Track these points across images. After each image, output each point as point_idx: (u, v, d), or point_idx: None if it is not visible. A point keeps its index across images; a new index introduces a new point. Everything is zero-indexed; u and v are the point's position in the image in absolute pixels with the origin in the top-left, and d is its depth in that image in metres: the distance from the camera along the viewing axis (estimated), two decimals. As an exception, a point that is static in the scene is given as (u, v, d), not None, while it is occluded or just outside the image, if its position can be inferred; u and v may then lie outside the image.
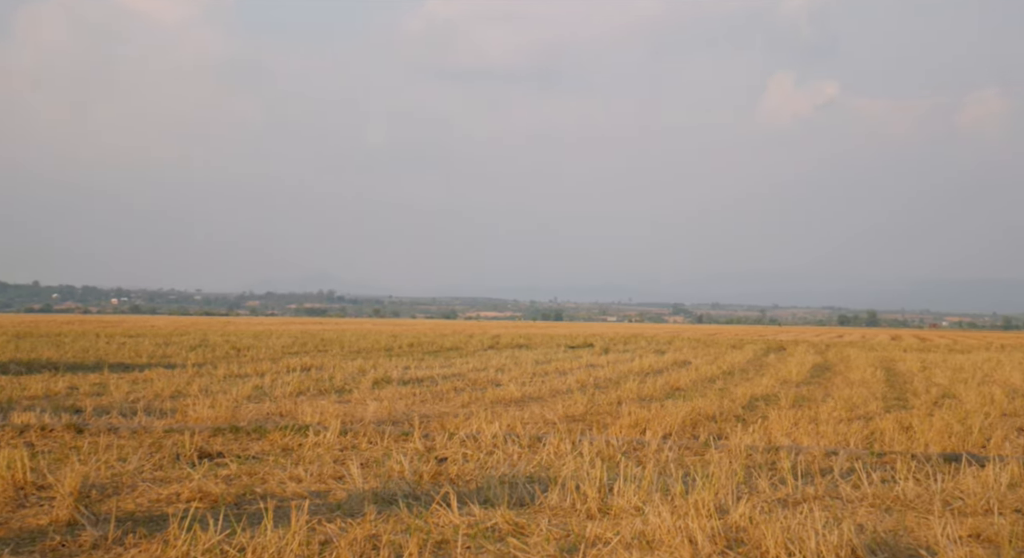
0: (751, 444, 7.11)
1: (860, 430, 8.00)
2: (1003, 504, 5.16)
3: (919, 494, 5.41)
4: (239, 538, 4.15)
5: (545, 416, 9.10)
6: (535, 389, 11.91)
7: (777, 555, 3.94)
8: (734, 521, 4.51)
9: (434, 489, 5.35)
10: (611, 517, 4.78)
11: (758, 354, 24.22)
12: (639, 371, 16.09)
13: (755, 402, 10.92)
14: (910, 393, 12.39)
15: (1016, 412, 10.20)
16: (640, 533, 4.32)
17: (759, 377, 14.87)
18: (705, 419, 9.06)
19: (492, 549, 4.16)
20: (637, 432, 7.96)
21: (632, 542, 4.22)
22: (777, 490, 5.51)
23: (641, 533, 4.32)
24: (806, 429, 7.99)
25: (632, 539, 4.26)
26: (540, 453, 6.71)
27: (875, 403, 10.63)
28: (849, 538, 4.08)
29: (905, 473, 5.94)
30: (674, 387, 12.74)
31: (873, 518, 4.81)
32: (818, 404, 10.39)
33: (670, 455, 6.77)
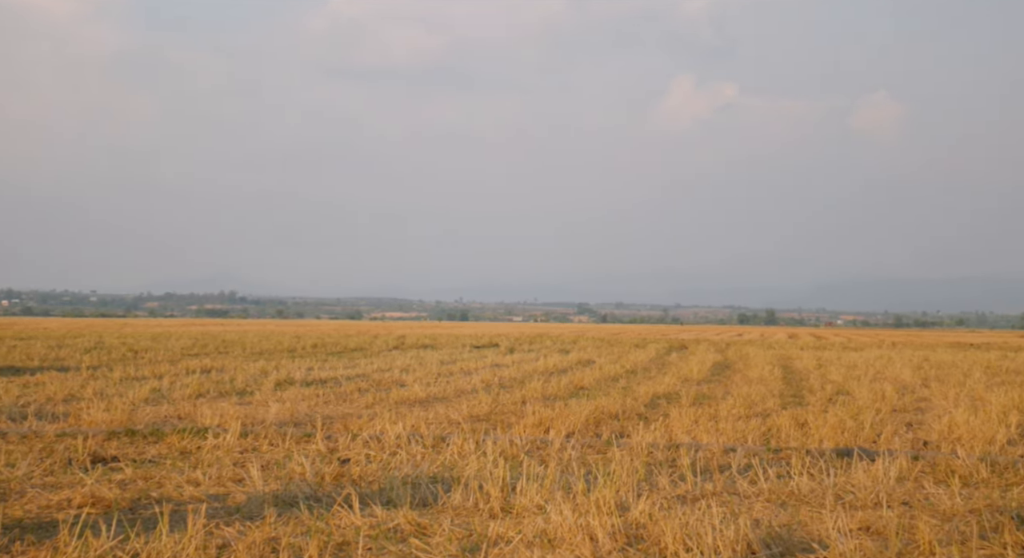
0: (653, 442, 7.20)
1: (758, 427, 8.16)
2: (891, 497, 5.32)
3: (813, 489, 5.55)
4: (133, 544, 4.05)
5: (450, 416, 9.09)
6: (440, 389, 11.89)
7: (675, 551, 3.99)
8: (634, 518, 4.56)
9: (336, 491, 5.29)
10: (514, 516, 4.80)
11: (661, 353, 24.55)
12: (544, 370, 16.18)
13: (657, 400, 11.06)
14: (806, 390, 12.70)
15: (905, 408, 10.53)
16: (542, 531, 4.34)
17: (661, 376, 15.07)
18: (608, 418, 9.14)
19: (394, 550, 4.14)
20: (541, 431, 8.00)
21: (534, 541, 4.24)
22: (677, 487, 5.59)
23: (543, 531, 4.34)
24: (706, 426, 8.12)
25: (534, 538, 4.28)
26: (444, 453, 6.71)
27: (773, 400, 10.86)
28: (745, 533, 4.16)
29: (800, 468, 6.08)
30: (578, 386, 12.84)
31: (769, 513, 4.91)
32: (718, 402, 10.57)
33: (573, 454, 6.82)
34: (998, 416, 8.91)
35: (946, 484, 5.73)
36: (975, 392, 12.24)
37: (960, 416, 8.57)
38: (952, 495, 5.35)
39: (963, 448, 7.07)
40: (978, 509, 5.00)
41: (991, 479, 5.96)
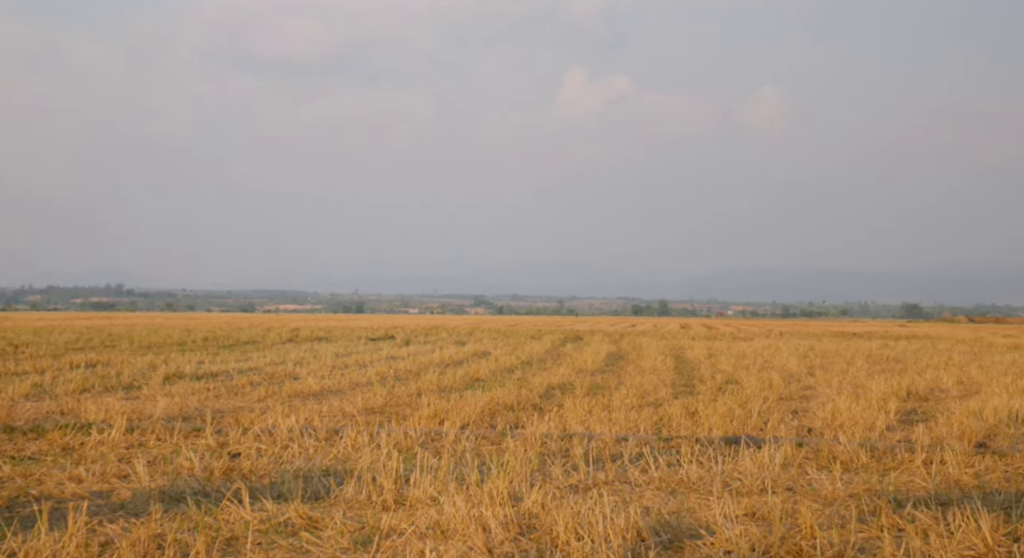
0: (547, 432, 7.25)
1: (650, 416, 8.28)
2: (776, 483, 5.46)
3: (702, 476, 5.66)
4: (9, 543, 3.92)
5: (344, 409, 9.01)
6: (334, 382, 11.77)
7: (567, 540, 4.03)
8: (527, 508, 4.59)
9: (226, 485, 5.20)
10: (407, 508, 4.78)
11: (556, 344, 24.73)
12: (440, 362, 16.15)
13: (552, 391, 11.14)
14: (697, 380, 12.94)
15: (792, 396, 10.81)
16: (435, 523, 4.34)
17: (556, 367, 15.19)
18: (503, 409, 9.18)
19: (284, 544, 4.09)
20: (436, 423, 7.99)
21: (427, 532, 4.23)
22: (570, 476, 5.64)
23: (436, 523, 4.34)
24: (599, 416, 8.21)
25: (427, 529, 4.27)
26: (337, 446, 6.64)
27: (665, 390, 11.04)
28: (635, 521, 4.23)
29: (689, 457, 6.20)
30: (474, 378, 12.86)
31: (659, 501, 5.00)
32: (611, 392, 10.69)
33: (467, 445, 6.83)
34: (878, 403, 9.22)
35: (828, 470, 5.91)
36: (857, 380, 12.64)
37: (843, 403, 8.85)
38: (833, 480, 5.51)
39: (845, 434, 7.30)
40: (857, 493, 5.17)
41: (870, 464, 6.16)
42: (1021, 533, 4.23)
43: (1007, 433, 7.68)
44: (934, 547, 3.91)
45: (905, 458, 6.33)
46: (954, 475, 5.74)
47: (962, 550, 3.95)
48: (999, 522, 4.29)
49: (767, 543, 3.99)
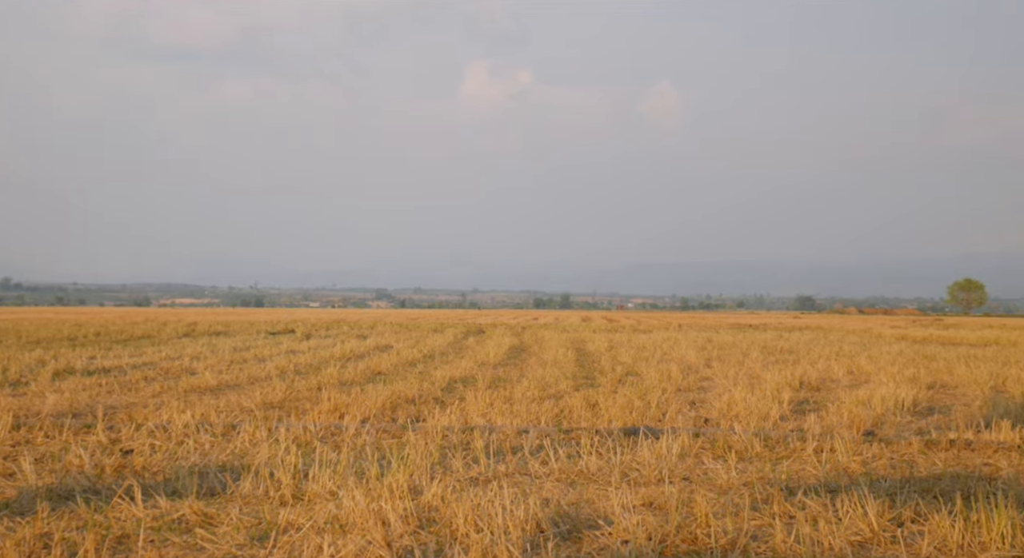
0: (448, 425, 7.25)
1: (551, 408, 8.34)
2: (673, 473, 5.56)
3: (601, 467, 5.72)
4: None
5: (242, 404, 8.87)
6: (232, 377, 11.58)
7: (466, 532, 4.03)
8: (427, 501, 4.58)
9: (117, 483, 5.08)
10: (305, 503, 4.73)
11: (458, 337, 24.72)
12: (341, 356, 16.01)
13: (454, 384, 11.14)
14: (597, 372, 13.06)
15: (690, 387, 10.99)
16: (334, 517, 4.30)
17: (459, 360, 15.18)
18: (405, 402, 9.14)
19: (178, 541, 4.01)
20: (336, 417, 7.92)
21: (325, 527, 4.19)
22: (470, 469, 5.65)
23: (335, 517, 4.30)
24: (501, 409, 8.23)
25: (325, 524, 4.23)
26: (235, 441, 6.54)
27: (566, 382, 11.12)
28: (535, 512, 4.25)
29: (589, 448, 6.26)
30: (375, 371, 12.78)
31: (558, 492, 5.03)
32: (513, 384, 10.74)
33: (368, 439, 6.79)
34: (772, 393, 9.44)
35: (724, 459, 6.03)
36: (753, 371, 12.92)
37: (739, 394, 9.03)
38: (728, 469, 5.63)
39: (740, 424, 7.46)
40: (751, 482, 5.29)
41: (764, 453, 6.31)
42: (905, 518, 4.38)
43: (894, 421, 7.94)
44: (823, 533, 4.02)
45: (797, 447, 6.49)
46: (843, 463, 5.91)
47: (849, 535, 4.07)
48: (885, 508, 4.43)
49: (664, 532, 4.05)
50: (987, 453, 6.39)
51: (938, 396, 10.17)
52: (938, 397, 10.06)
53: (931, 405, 9.28)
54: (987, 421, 7.64)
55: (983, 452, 6.43)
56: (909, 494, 4.87)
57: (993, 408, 8.51)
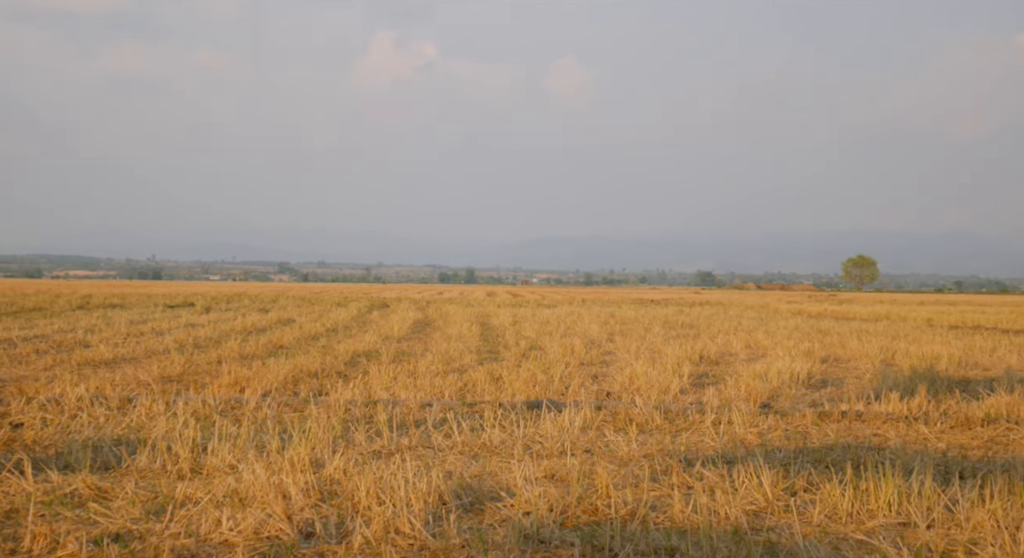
0: (351, 399, 7.20)
1: (455, 382, 8.34)
2: (575, 445, 5.62)
3: (504, 440, 5.75)
4: None
5: (139, 377, 8.68)
6: (129, 350, 11.32)
7: (368, 505, 4.02)
8: (329, 474, 4.55)
9: (6, 457, 4.92)
10: (204, 476, 4.65)
11: (362, 311, 24.56)
12: (242, 330, 15.77)
13: (357, 358, 11.07)
14: (502, 346, 13.12)
15: (593, 361, 11.11)
16: (233, 491, 4.24)
17: (362, 334, 15.09)
18: (308, 376, 9.05)
19: (70, 515, 3.90)
20: (237, 391, 7.80)
21: (224, 500, 4.13)
22: (373, 442, 5.62)
23: (235, 491, 4.24)
24: (405, 383, 8.21)
25: (224, 497, 4.17)
26: (131, 415, 6.40)
27: (470, 356, 11.14)
28: (437, 484, 4.26)
29: (492, 421, 6.29)
30: (277, 345, 12.63)
31: (461, 464, 5.05)
32: (417, 358, 10.72)
33: (269, 412, 6.71)
34: (673, 367, 9.60)
35: (625, 432, 6.12)
36: (654, 345, 13.12)
37: (640, 368, 9.16)
38: (629, 441, 5.71)
39: (641, 397, 7.57)
40: (651, 454, 5.37)
41: (664, 425, 6.41)
42: (798, 487, 4.50)
43: (788, 394, 8.14)
44: (720, 502, 4.10)
45: (696, 419, 6.62)
46: (740, 434, 6.05)
47: (745, 504, 4.17)
48: (779, 478, 4.55)
49: (565, 503, 4.09)
50: (876, 424, 6.60)
51: (832, 369, 10.46)
52: (831, 370, 10.36)
53: (825, 378, 9.55)
54: (877, 393, 7.89)
55: (873, 423, 6.64)
56: (802, 464, 5.01)
57: (883, 381, 8.79)
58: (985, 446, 5.79)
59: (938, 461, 5.15)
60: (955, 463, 5.12)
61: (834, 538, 3.74)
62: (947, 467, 5.01)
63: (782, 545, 3.61)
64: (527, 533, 3.71)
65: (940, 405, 7.21)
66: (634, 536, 3.68)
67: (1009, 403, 7.17)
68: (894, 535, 3.76)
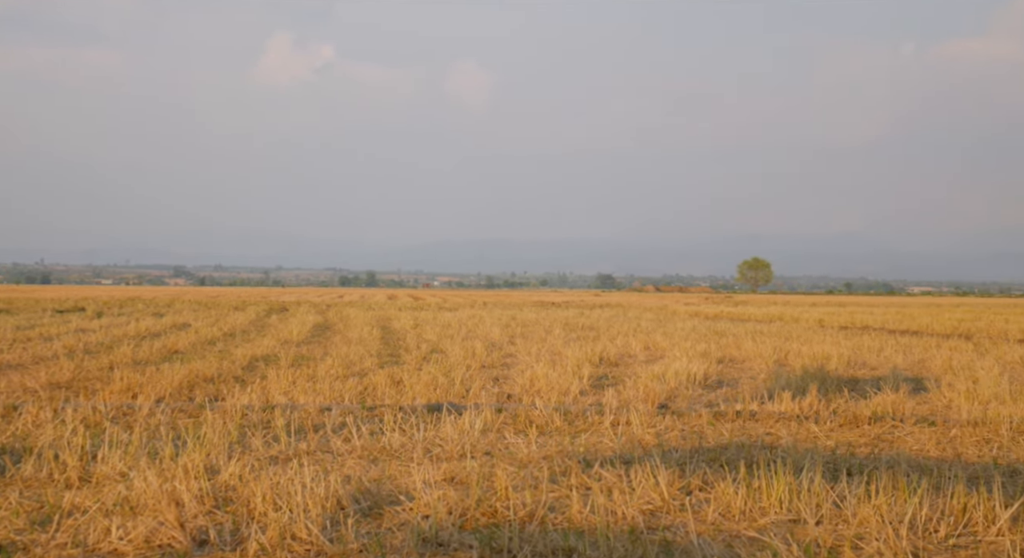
0: (248, 404, 7.09)
1: (355, 386, 8.28)
2: (476, 448, 5.62)
3: (404, 443, 5.73)
4: None
5: (26, 384, 8.41)
6: (15, 356, 10.95)
7: (264, 511, 3.96)
8: (224, 481, 4.47)
9: None
10: (93, 485, 4.53)
11: (261, 315, 24.20)
12: (135, 335, 15.39)
13: (255, 363, 10.90)
14: (403, 349, 13.06)
15: (493, 364, 11.14)
16: (124, 499, 4.13)
17: (261, 338, 14.87)
18: (203, 381, 8.88)
19: (-49, 530, 3.76)
20: (129, 397, 7.61)
21: (114, 509, 4.02)
22: (271, 448, 5.54)
23: (125, 499, 4.13)
24: (304, 387, 8.12)
25: (114, 506, 4.06)
26: (16, 423, 6.19)
27: (371, 360, 11.07)
28: (335, 489, 4.21)
29: (392, 425, 6.26)
30: (172, 350, 12.36)
31: (360, 469, 5.00)
32: (317, 362, 10.60)
33: (163, 419, 6.56)
34: (573, 369, 9.67)
35: (525, 434, 6.14)
36: (555, 348, 13.21)
37: (541, 370, 9.21)
38: (529, 443, 5.74)
39: (542, 400, 7.61)
40: (551, 455, 5.41)
41: (564, 427, 6.46)
42: (694, 486, 4.57)
43: (685, 394, 8.28)
44: (617, 502, 4.15)
45: (595, 420, 6.68)
46: (638, 435, 6.12)
47: (642, 504, 4.22)
48: (675, 477, 4.62)
49: (464, 506, 4.09)
50: (769, 423, 6.76)
51: (727, 370, 10.67)
52: (727, 371, 10.57)
53: (721, 379, 9.73)
54: (770, 393, 8.08)
55: (766, 422, 6.80)
56: (698, 463, 5.09)
57: (776, 381, 9.00)
58: (872, 443, 5.97)
59: (827, 459, 5.29)
60: (843, 460, 5.27)
61: (727, 536, 3.81)
62: (836, 464, 5.15)
63: (677, 543, 3.67)
64: (426, 536, 3.70)
65: (830, 404, 7.41)
66: (532, 537, 3.69)
67: (895, 401, 7.41)
68: (785, 531, 3.85)
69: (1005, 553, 3.54)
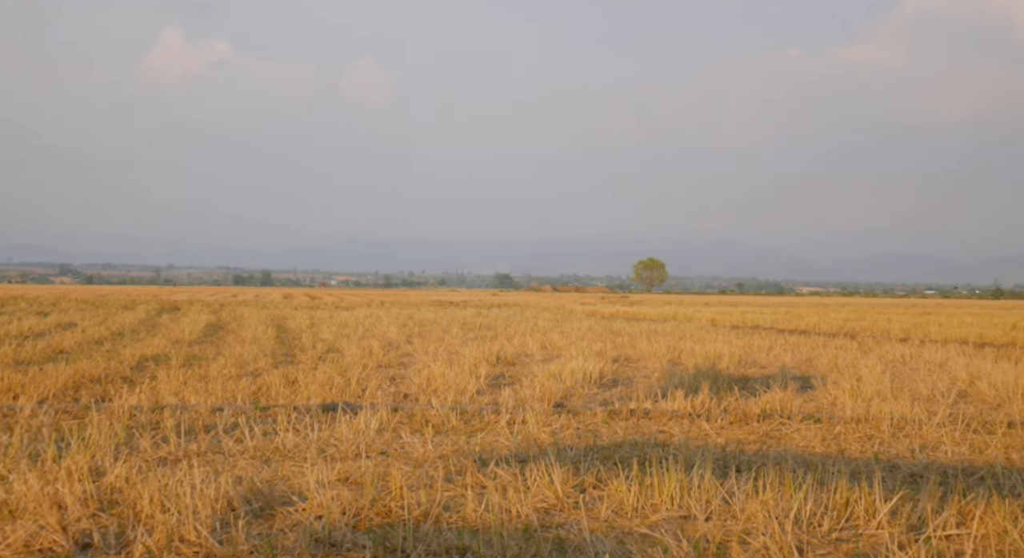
0: (137, 405, 6.92)
1: (249, 386, 8.14)
2: (371, 448, 5.58)
3: (298, 444, 5.66)
4: None
5: (-102, 386, 8.05)
6: None
7: (151, 513, 3.86)
8: (110, 483, 4.34)
9: None
10: (-30, 490, 4.36)
11: (151, 315, 23.65)
12: (17, 334, 14.88)
13: (145, 363, 10.65)
14: (298, 349, 12.90)
15: (391, 363, 11.08)
16: (2, 502, 3.99)
17: (151, 338, 14.52)
18: (90, 382, 8.63)
19: None
20: (10, 398, 7.36)
21: (-8, 514, 3.88)
22: (160, 449, 5.42)
23: (4, 503, 3.98)
24: (196, 387, 7.96)
25: (-7, 511, 3.92)
26: None
27: (265, 359, 10.90)
28: (226, 490, 4.14)
29: (286, 425, 6.18)
30: (57, 350, 11.99)
31: (253, 470, 4.92)
32: (210, 362, 10.40)
33: (46, 420, 6.35)
34: (470, 368, 9.68)
35: (421, 433, 6.12)
36: (452, 347, 13.20)
37: (438, 369, 9.19)
38: (425, 443, 5.72)
39: (438, 399, 7.60)
40: (447, 454, 5.40)
41: (460, 426, 6.46)
42: (587, 484, 4.62)
43: (581, 393, 8.36)
44: (512, 501, 4.16)
45: (492, 419, 6.70)
46: (534, 433, 6.16)
47: (536, 502, 4.25)
48: (569, 475, 4.66)
49: (358, 506, 4.06)
50: (663, 421, 6.86)
51: (622, 369, 10.81)
52: (622, 370, 10.70)
53: (616, 377, 9.85)
54: (664, 391, 8.21)
55: (659, 420, 6.90)
56: (592, 461, 5.15)
57: (670, 379, 9.15)
58: (760, 440, 6.11)
59: (718, 456, 5.39)
60: (733, 457, 5.38)
61: (620, 532, 3.86)
62: (726, 461, 5.26)
63: (570, 541, 3.70)
64: (318, 537, 3.65)
65: (721, 402, 7.57)
66: (427, 537, 3.68)
67: (783, 399, 7.60)
68: (675, 528, 3.92)
69: (884, 545, 3.66)
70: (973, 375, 9.40)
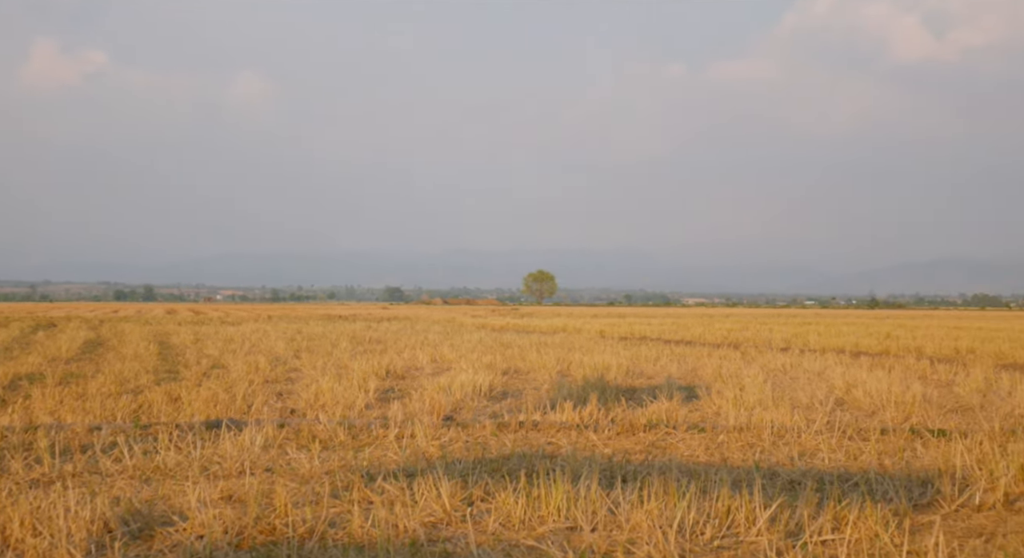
0: (8, 425, 6.66)
1: (129, 404, 7.92)
2: (256, 465, 5.47)
3: (180, 462, 5.51)
4: None
5: None
6: None
7: (22, 538, 3.71)
8: (-22, 508, 4.17)
9: None
10: None
11: (26, 332, 22.83)
12: None
13: (19, 382, 10.26)
14: (182, 365, 12.60)
15: (278, 379, 10.90)
16: None
17: (25, 356, 14.01)
18: (-43, 402, 8.28)
19: None
20: None
21: None
22: (32, 470, 5.22)
23: None
24: (72, 406, 7.70)
25: None
26: None
27: (147, 376, 10.62)
28: (103, 512, 4.01)
29: (168, 443, 6.02)
30: (-77, 369, 11.47)
31: (131, 490, 4.78)
32: (88, 380, 10.08)
33: (-90, 443, 6.06)
34: (359, 383, 9.59)
35: (308, 449, 6.03)
36: (341, 361, 13.06)
37: (326, 384, 9.08)
38: (312, 458, 5.64)
39: (326, 414, 7.51)
40: (333, 470, 5.33)
41: (348, 441, 6.39)
42: (475, 497, 4.61)
43: (471, 406, 8.36)
44: (399, 515, 4.13)
45: (380, 434, 6.64)
46: (423, 447, 6.13)
47: (424, 516, 4.22)
48: (457, 488, 4.64)
49: (242, 525, 3.98)
50: (551, 432, 6.90)
51: (512, 381, 10.84)
52: (512, 382, 10.73)
53: (506, 390, 9.87)
54: (553, 403, 8.26)
55: (548, 432, 6.94)
56: (480, 474, 5.14)
57: (559, 391, 9.21)
58: (647, 450, 6.19)
59: (604, 466, 5.44)
60: (619, 467, 5.44)
61: (507, 545, 3.86)
62: (612, 472, 5.31)
63: (457, 554, 3.69)
64: (199, 557, 3.57)
65: (609, 413, 7.64)
66: (312, 554, 3.63)
67: (668, 409, 7.72)
68: (562, 539, 3.94)
69: (763, 552, 3.74)
70: (849, 383, 9.70)
